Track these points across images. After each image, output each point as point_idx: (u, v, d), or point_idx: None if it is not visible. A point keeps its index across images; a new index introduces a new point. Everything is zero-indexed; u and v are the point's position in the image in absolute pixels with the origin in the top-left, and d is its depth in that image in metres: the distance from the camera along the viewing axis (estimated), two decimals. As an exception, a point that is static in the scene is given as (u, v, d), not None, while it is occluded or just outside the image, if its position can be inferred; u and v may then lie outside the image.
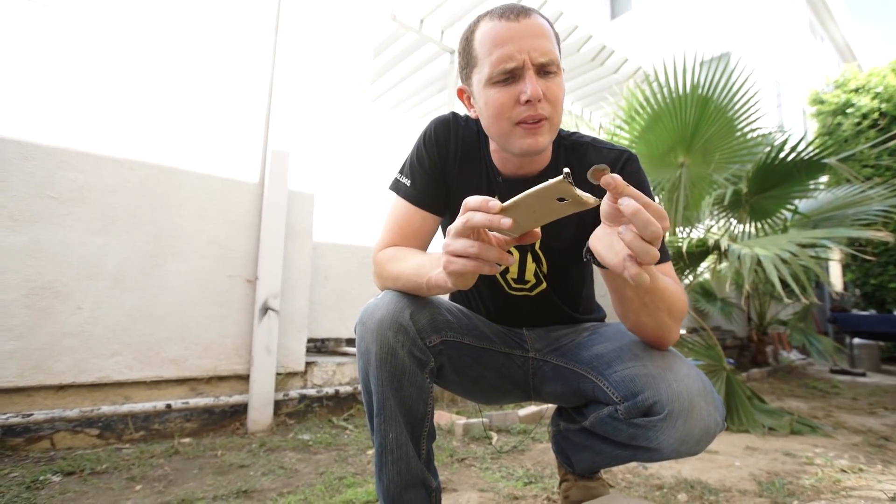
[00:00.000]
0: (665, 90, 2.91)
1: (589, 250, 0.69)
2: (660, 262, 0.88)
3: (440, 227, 1.00)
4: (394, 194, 0.97)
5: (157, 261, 1.95)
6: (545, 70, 0.80)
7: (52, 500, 1.32)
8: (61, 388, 1.75)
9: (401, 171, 0.97)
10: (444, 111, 4.20)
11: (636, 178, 0.91)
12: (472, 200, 0.60)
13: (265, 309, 2.13)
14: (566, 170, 0.52)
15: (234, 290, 2.11)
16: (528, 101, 0.78)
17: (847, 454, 1.88)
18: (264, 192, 2.20)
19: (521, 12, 0.78)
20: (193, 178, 2.05)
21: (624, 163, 0.92)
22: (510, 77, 0.79)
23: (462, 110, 1.02)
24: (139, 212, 1.92)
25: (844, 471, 1.64)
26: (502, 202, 0.62)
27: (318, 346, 2.57)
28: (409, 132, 3.05)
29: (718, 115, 2.98)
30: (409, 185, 0.94)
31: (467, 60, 0.85)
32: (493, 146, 0.94)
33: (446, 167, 0.95)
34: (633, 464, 1.72)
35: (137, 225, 1.92)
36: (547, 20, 0.83)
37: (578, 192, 0.53)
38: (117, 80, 1.91)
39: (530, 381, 1.00)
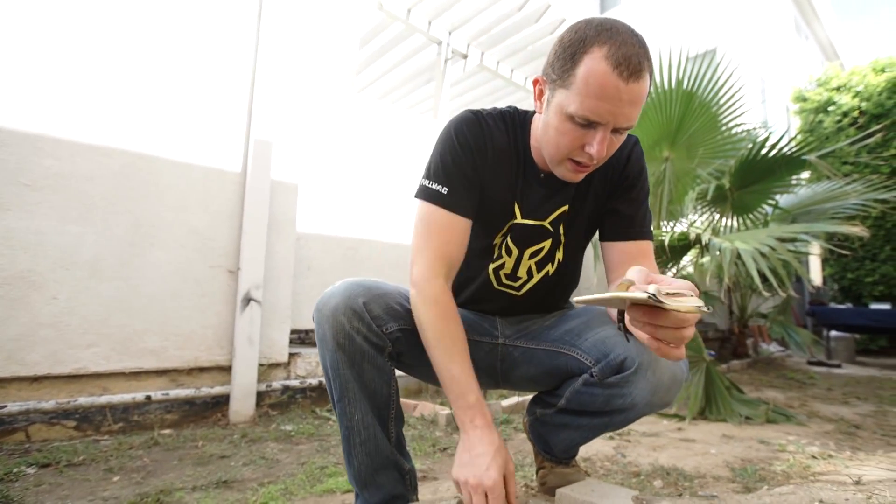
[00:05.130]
0: (651, 85, 2.93)
1: (624, 326, 0.73)
2: (642, 239, 0.93)
3: None
4: (426, 203, 0.90)
5: (136, 250, 1.92)
6: (619, 130, 0.80)
7: (27, 493, 1.30)
8: (36, 379, 1.72)
9: (429, 178, 0.91)
10: (431, 103, 4.19)
11: (639, 163, 0.97)
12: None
13: (247, 300, 2.11)
14: (652, 290, 0.54)
15: (215, 281, 2.09)
16: (589, 153, 0.80)
17: (818, 441, 1.94)
18: (247, 181, 2.17)
19: (634, 73, 0.73)
20: (173, 167, 2.02)
21: (632, 147, 0.97)
22: (588, 124, 0.78)
23: (477, 106, 1.01)
24: (117, 200, 1.89)
25: (815, 457, 1.69)
26: (542, 197, 0.87)
27: (302, 338, 2.56)
28: (396, 124, 3.03)
29: (703, 110, 3.01)
30: (445, 192, 0.89)
31: (564, 73, 0.78)
32: (535, 143, 0.94)
33: (484, 166, 0.92)
34: (612, 452, 1.75)
35: (115, 214, 1.88)
36: (650, 73, 0.79)
37: (667, 305, 0.54)
38: (93, 64, 1.87)
39: (498, 368, 1.02)
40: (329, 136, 2.69)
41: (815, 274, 7.67)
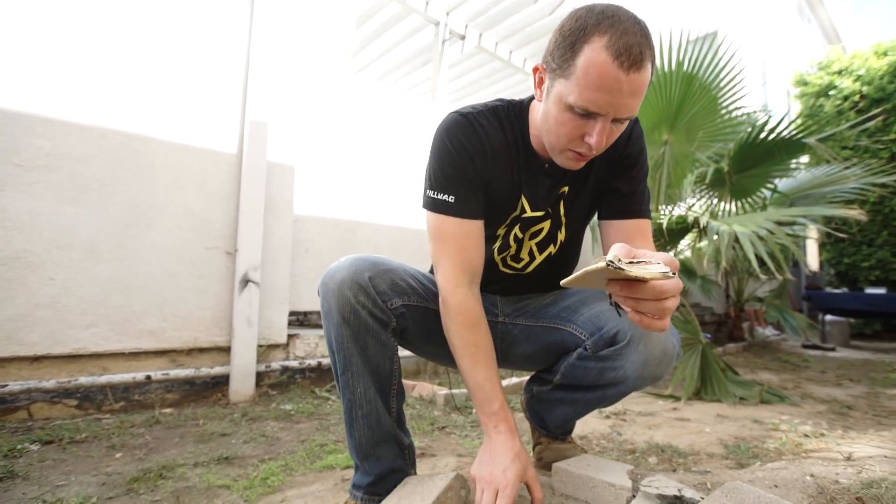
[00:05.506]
0: (652, 73, 2.90)
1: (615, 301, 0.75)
2: (641, 217, 0.92)
3: None
4: (435, 214, 0.90)
5: (133, 231, 1.91)
6: (620, 120, 0.78)
7: (31, 468, 1.32)
8: (36, 359, 1.73)
9: (433, 188, 0.90)
10: (429, 85, 4.14)
11: (639, 143, 0.97)
12: None
13: (245, 281, 2.11)
14: (610, 258, 0.54)
15: (212, 262, 2.09)
16: (588, 144, 0.79)
17: (811, 421, 1.97)
18: (243, 162, 2.15)
19: (635, 63, 0.71)
20: (168, 148, 2.00)
21: (632, 127, 0.96)
22: (588, 114, 0.76)
23: (476, 89, 0.99)
24: (112, 181, 1.87)
25: (807, 436, 1.72)
26: (547, 188, 0.89)
27: (301, 320, 2.57)
28: (393, 105, 3.00)
29: (703, 93, 2.98)
30: (452, 201, 0.88)
31: (563, 62, 0.76)
32: (535, 133, 0.92)
33: (485, 167, 0.91)
34: (608, 430, 1.78)
35: (110, 195, 1.87)
36: (652, 62, 0.76)
37: (629, 272, 0.55)
38: (84, 43, 1.83)
39: (498, 346, 1.03)
40: (326, 118, 2.67)
41: (812, 258, 7.71)
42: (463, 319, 0.87)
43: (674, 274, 0.55)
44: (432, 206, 0.90)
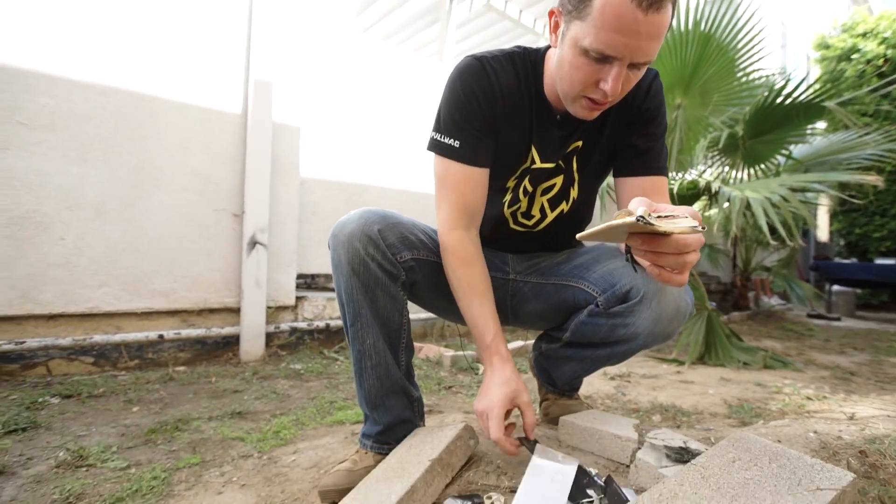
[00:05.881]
0: (673, 16, 2.78)
1: (631, 257, 0.74)
2: (658, 174, 0.90)
3: None
4: (440, 157, 0.90)
5: (139, 192, 1.91)
6: (637, 65, 0.75)
7: (53, 419, 1.37)
8: (52, 317, 1.76)
9: (439, 131, 0.89)
10: (437, 46, 4.02)
11: (658, 97, 0.94)
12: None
13: (253, 243, 2.12)
14: (640, 213, 0.53)
15: (220, 224, 2.09)
16: (603, 90, 0.76)
17: (814, 385, 1.99)
18: (248, 123, 2.12)
19: (654, 3, 0.68)
20: (171, 107, 1.97)
21: (651, 80, 0.93)
22: (603, 58, 0.74)
23: (484, 49, 0.95)
24: (116, 141, 1.85)
25: (810, 398, 1.74)
26: (558, 139, 0.88)
27: (308, 283, 2.60)
28: (400, 66, 2.92)
29: (720, 54, 2.87)
30: (458, 145, 0.87)
31: (580, 3, 0.73)
32: (549, 81, 0.90)
33: (495, 114, 0.89)
34: (612, 391, 1.81)
35: (116, 155, 1.85)
36: (673, 3, 0.73)
37: (658, 227, 0.53)
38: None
39: (508, 303, 1.03)
40: (331, 78, 2.60)
41: (823, 229, 7.62)
42: (458, 258, 0.88)
43: (703, 228, 0.54)
44: (438, 149, 0.90)
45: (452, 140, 0.88)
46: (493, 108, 0.89)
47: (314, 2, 2.47)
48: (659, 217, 0.54)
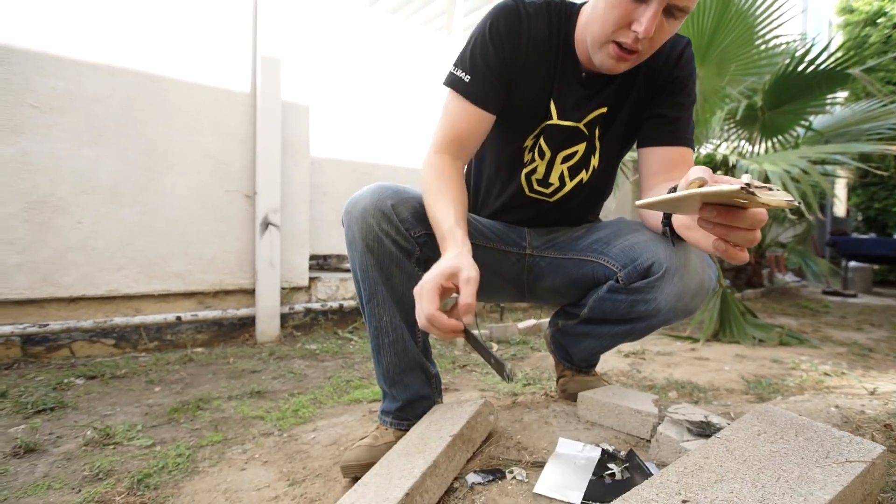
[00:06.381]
0: None
1: (670, 227, 0.71)
2: (685, 145, 0.89)
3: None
4: (449, 89, 0.89)
5: (153, 175, 1.91)
6: (672, 11, 0.73)
7: (79, 399, 1.40)
8: (73, 300, 1.79)
9: (457, 65, 0.88)
10: (445, 20, 3.91)
11: (689, 66, 0.92)
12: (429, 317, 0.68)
13: (266, 224, 2.12)
14: (745, 180, 0.48)
15: (233, 205, 2.09)
16: (635, 31, 0.74)
17: (831, 361, 1.97)
18: (257, 102, 2.10)
19: None
20: (180, 87, 1.95)
21: (683, 48, 0.91)
22: None
23: None
24: (128, 123, 1.85)
25: (828, 374, 1.73)
26: (580, 97, 0.85)
27: (321, 263, 2.60)
28: (410, 41, 2.86)
29: (738, 21, 2.77)
30: (468, 80, 0.86)
31: None
32: (580, 36, 0.87)
33: (516, 62, 0.87)
34: (627, 368, 1.81)
35: (128, 137, 1.85)
36: None
37: (760, 199, 0.48)
38: (87, -26, 1.75)
39: (525, 278, 1.02)
40: (339, 54, 2.56)
41: (840, 204, 7.45)
42: (434, 172, 0.85)
43: (799, 203, 0.51)
44: (449, 80, 0.89)
45: (465, 74, 0.87)
46: (516, 54, 0.87)
47: (319, -24, 2.41)
48: (759, 188, 0.49)
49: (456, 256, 0.72)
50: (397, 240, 0.83)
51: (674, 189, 0.65)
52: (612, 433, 0.94)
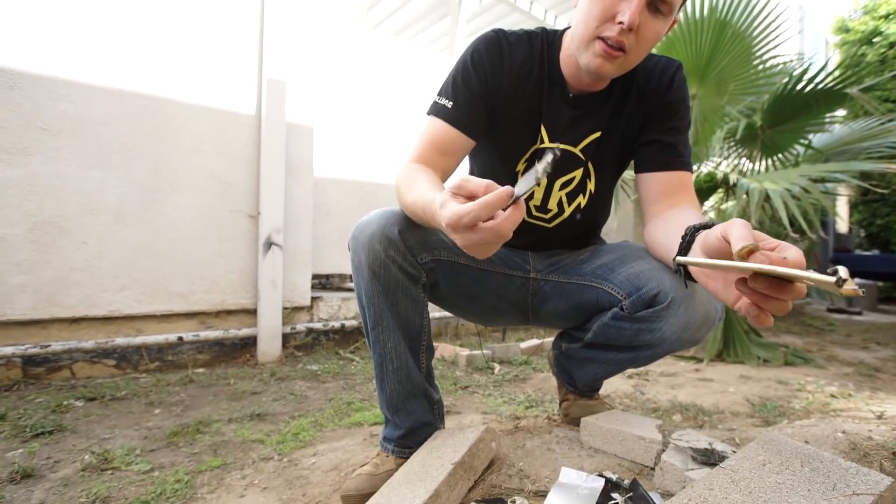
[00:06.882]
0: (680, 14, 2.73)
1: (684, 270, 0.67)
2: (684, 169, 0.89)
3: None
4: (430, 116, 0.90)
5: (158, 195, 1.93)
6: (657, 5, 0.75)
7: (78, 422, 1.39)
8: (75, 320, 1.79)
9: (440, 94, 0.90)
10: (447, 41, 3.99)
11: (681, 91, 0.93)
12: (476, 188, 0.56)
13: (269, 244, 2.13)
14: (843, 274, 0.44)
15: (236, 226, 2.11)
16: (620, 24, 0.74)
17: (837, 382, 1.95)
18: (262, 124, 2.13)
19: None
20: (186, 109, 1.98)
21: (675, 71, 0.92)
22: None
23: (505, 26, 0.95)
24: (134, 145, 1.88)
25: (834, 396, 1.70)
26: (570, 118, 0.86)
27: (323, 283, 2.61)
28: (412, 62, 2.91)
29: (735, 41, 2.81)
30: (450, 106, 0.88)
31: None
32: (566, 55, 0.89)
33: (500, 88, 0.89)
34: (631, 390, 1.79)
35: (134, 158, 1.88)
36: None
37: (847, 289, 0.44)
38: (98, 4, 1.79)
39: (529, 302, 1.01)
40: (343, 76, 2.60)
41: (842, 220, 7.44)
42: (406, 172, 0.82)
43: (863, 293, 0.46)
44: (431, 109, 0.90)
45: (448, 101, 0.88)
46: (499, 81, 0.89)
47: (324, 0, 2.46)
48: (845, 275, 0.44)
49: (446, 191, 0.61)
50: (404, 266, 0.83)
51: (700, 227, 0.63)
52: (616, 460, 0.92)
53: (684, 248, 0.65)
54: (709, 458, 0.83)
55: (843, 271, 0.44)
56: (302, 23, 2.27)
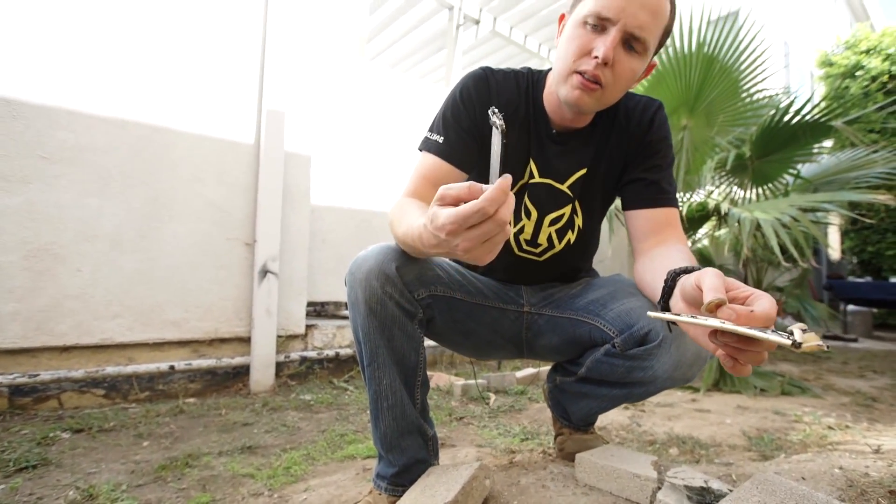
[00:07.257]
0: (670, 49, 2.83)
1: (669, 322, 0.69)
2: (669, 206, 0.91)
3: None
4: (422, 152, 0.92)
5: (155, 223, 1.94)
6: (631, 43, 0.79)
7: (63, 455, 1.36)
8: (65, 349, 1.77)
9: (431, 130, 0.93)
10: (444, 72, 4.10)
11: (662, 131, 0.95)
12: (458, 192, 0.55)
13: (264, 272, 2.13)
14: (797, 338, 0.46)
15: (232, 253, 2.11)
16: (595, 58, 0.78)
17: (835, 413, 1.93)
18: (260, 153, 2.16)
19: None
20: (186, 139, 2.01)
21: (655, 111, 0.95)
22: (599, 27, 0.78)
23: (494, 64, 1.00)
24: (133, 173, 1.89)
25: (832, 427, 1.69)
26: (557, 154, 0.91)
27: (318, 310, 2.60)
28: (408, 93, 2.98)
29: (724, 75, 2.90)
30: (440, 141, 0.90)
31: None
32: (549, 92, 0.93)
33: (488, 123, 0.91)
34: (627, 421, 1.77)
35: (132, 186, 1.89)
36: (672, 3, 0.80)
37: (808, 346, 0.46)
38: (102, 36, 1.84)
39: (523, 336, 1.02)
40: (341, 106, 2.66)
41: (834, 247, 7.52)
42: (399, 205, 0.82)
43: (827, 348, 0.48)
44: (422, 145, 0.93)
45: (438, 136, 0.91)
46: (487, 116, 0.91)
47: (325, 29, 2.54)
48: (803, 332, 0.47)
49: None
50: (401, 302, 0.84)
51: (681, 272, 0.65)
52: (611, 498, 0.91)
53: (666, 293, 0.67)
54: (704, 498, 0.82)
55: (797, 333, 0.46)
56: (302, 54, 2.33)
